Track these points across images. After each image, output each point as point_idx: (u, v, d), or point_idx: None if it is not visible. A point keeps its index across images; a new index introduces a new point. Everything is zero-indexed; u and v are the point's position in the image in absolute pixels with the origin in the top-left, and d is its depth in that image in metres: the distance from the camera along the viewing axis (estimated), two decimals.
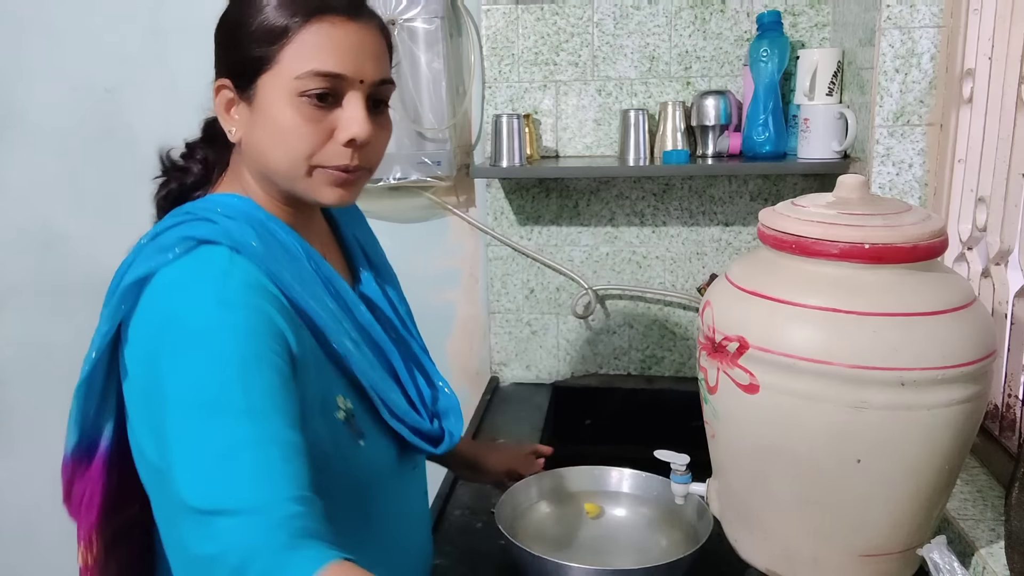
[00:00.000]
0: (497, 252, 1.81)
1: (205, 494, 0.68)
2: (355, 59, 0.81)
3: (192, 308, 0.75)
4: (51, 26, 1.84)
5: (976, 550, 0.98)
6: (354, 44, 0.82)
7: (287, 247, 0.84)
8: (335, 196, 0.84)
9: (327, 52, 0.80)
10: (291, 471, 0.69)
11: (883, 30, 1.34)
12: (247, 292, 0.76)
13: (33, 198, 1.93)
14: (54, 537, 2.10)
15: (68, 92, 1.86)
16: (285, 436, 0.71)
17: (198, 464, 0.69)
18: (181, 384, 0.72)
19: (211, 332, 0.73)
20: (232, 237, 0.79)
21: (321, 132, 0.81)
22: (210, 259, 0.78)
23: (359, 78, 0.82)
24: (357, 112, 0.82)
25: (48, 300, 1.98)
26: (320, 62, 0.80)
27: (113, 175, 1.89)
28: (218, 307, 0.74)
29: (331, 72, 0.80)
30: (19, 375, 2.02)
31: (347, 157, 0.83)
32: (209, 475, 0.69)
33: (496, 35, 1.71)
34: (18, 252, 1.96)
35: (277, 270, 0.80)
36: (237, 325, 0.73)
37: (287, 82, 0.80)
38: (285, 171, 0.83)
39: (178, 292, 0.77)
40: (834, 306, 0.85)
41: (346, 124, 0.82)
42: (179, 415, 0.71)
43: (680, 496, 1.13)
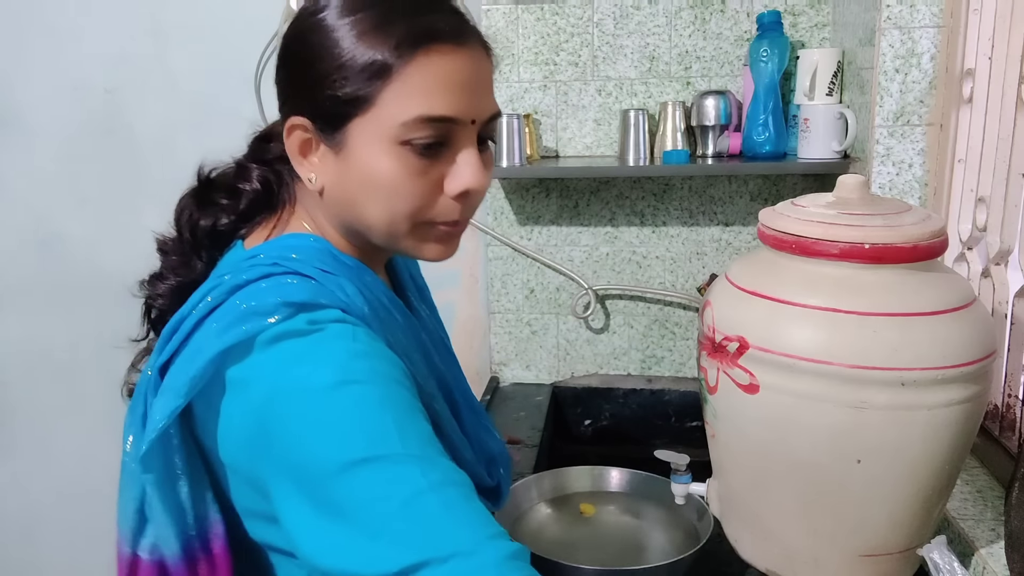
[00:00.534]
0: (497, 252, 1.81)
1: (397, 553, 0.59)
2: (467, 97, 0.69)
3: (320, 364, 0.64)
4: (51, 26, 1.84)
5: (976, 550, 0.98)
6: (466, 79, 0.69)
7: (384, 303, 0.74)
8: (438, 252, 0.74)
9: (437, 93, 0.68)
10: (479, 508, 0.62)
11: (883, 30, 1.34)
12: (376, 341, 0.67)
13: (33, 198, 1.93)
14: (54, 537, 2.10)
15: (68, 92, 1.86)
16: (457, 476, 0.63)
17: (373, 525, 0.60)
18: (324, 446, 0.62)
19: (350, 383, 0.63)
20: (337, 298, 0.69)
21: (428, 185, 0.70)
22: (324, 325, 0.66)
23: (471, 119, 0.70)
24: (472, 160, 0.71)
25: (48, 300, 1.98)
26: (429, 106, 0.68)
27: (113, 175, 1.89)
28: (352, 358, 0.65)
29: (442, 116, 0.68)
30: (19, 375, 2.02)
31: (457, 212, 0.72)
32: (395, 531, 0.59)
33: (496, 35, 1.71)
34: (18, 252, 1.96)
35: (383, 332, 0.70)
36: (377, 371, 0.65)
37: (388, 129, 0.68)
38: (384, 229, 0.72)
39: (301, 361, 0.65)
40: (834, 306, 0.85)
41: (459, 175, 0.70)
42: (333, 481, 0.61)
43: (680, 496, 1.13)
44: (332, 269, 0.71)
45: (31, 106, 1.88)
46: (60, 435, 2.04)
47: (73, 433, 2.02)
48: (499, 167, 1.65)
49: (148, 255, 0.87)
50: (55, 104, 1.87)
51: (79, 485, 2.03)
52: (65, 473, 2.05)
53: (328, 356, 0.64)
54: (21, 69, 1.87)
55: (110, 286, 2.06)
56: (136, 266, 0.86)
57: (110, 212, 1.90)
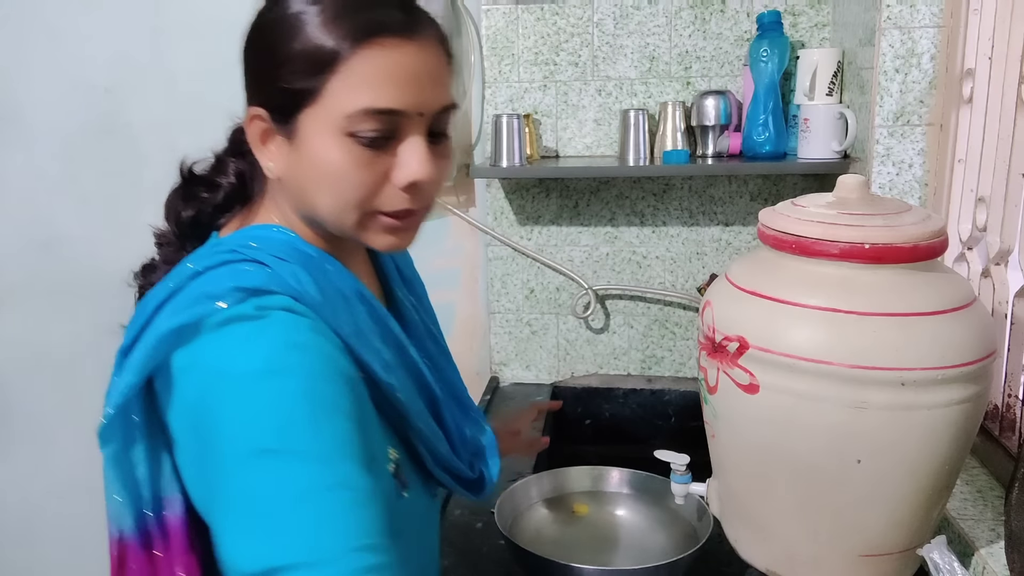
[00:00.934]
0: (497, 252, 1.81)
1: (263, 553, 0.61)
2: (415, 89, 0.70)
3: (254, 351, 0.66)
4: (51, 26, 1.84)
5: (976, 550, 0.98)
6: (413, 71, 0.70)
7: (343, 292, 0.75)
8: (390, 243, 0.75)
9: (382, 85, 0.68)
10: (365, 517, 0.63)
11: (883, 30, 1.34)
12: (316, 335, 0.68)
13: (33, 198, 1.93)
14: (54, 537, 2.10)
15: (68, 92, 1.86)
16: (359, 481, 0.64)
17: (253, 519, 0.62)
18: (237, 431, 0.64)
19: (277, 372, 0.65)
20: (289, 286, 0.69)
21: (375, 175, 0.71)
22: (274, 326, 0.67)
23: (419, 111, 0.71)
24: (418, 152, 0.71)
25: (48, 300, 1.98)
26: (373, 98, 0.68)
27: (113, 175, 1.89)
28: (286, 348, 0.66)
29: (387, 109, 0.69)
30: (19, 375, 2.02)
31: (406, 201, 0.72)
32: (265, 530, 0.61)
33: (496, 35, 1.71)
34: (18, 252, 1.96)
35: (336, 321, 0.71)
36: (306, 366, 0.65)
37: (335, 120, 0.69)
38: (334, 218, 0.73)
39: (236, 347, 0.66)
40: (834, 306, 0.85)
41: (405, 166, 0.71)
42: (235, 465, 0.63)
43: (680, 496, 1.13)
44: (289, 257, 0.72)
45: (31, 106, 1.88)
46: (59, 434, 2.04)
47: (72, 432, 2.01)
48: (499, 167, 1.65)
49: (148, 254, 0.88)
50: (55, 104, 1.87)
51: (78, 484, 2.02)
52: (64, 472, 2.05)
53: (264, 344, 0.66)
54: (21, 69, 1.87)
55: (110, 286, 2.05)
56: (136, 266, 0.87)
57: (110, 212, 1.90)
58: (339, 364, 0.69)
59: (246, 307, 0.67)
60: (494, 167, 1.66)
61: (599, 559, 1.13)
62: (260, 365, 0.65)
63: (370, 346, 0.74)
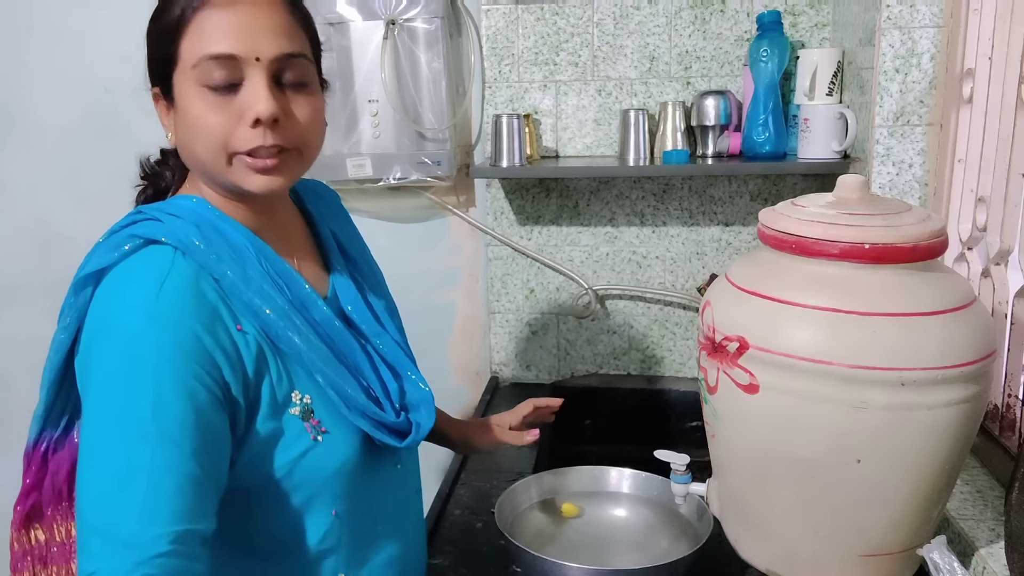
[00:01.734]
0: (497, 252, 1.81)
1: (97, 511, 0.72)
2: (246, 37, 0.80)
3: (122, 316, 0.77)
4: (51, 26, 1.84)
5: (976, 550, 0.99)
6: (245, 22, 0.80)
7: (234, 245, 0.84)
8: (260, 183, 0.83)
9: (217, 36, 0.79)
10: (178, 505, 0.72)
11: (883, 30, 1.34)
12: (179, 306, 0.77)
13: (33, 198, 1.93)
14: None
15: (68, 92, 1.86)
16: (183, 467, 0.73)
17: (98, 480, 0.73)
18: (98, 394, 0.76)
19: (134, 345, 0.75)
20: (176, 236, 0.81)
21: (228, 117, 0.80)
22: (151, 261, 0.80)
23: (254, 55, 0.80)
24: (257, 90, 0.80)
25: (48, 299, 1.97)
26: (210, 45, 0.79)
27: (113, 175, 1.88)
28: (146, 320, 0.75)
29: (221, 54, 0.79)
30: (20, 374, 2.02)
31: (259, 138, 0.80)
32: (104, 494, 0.72)
33: (496, 35, 1.71)
34: (18, 252, 1.96)
35: (220, 269, 0.81)
36: (161, 344, 0.75)
37: (190, 74, 0.80)
38: (208, 165, 0.83)
39: (114, 297, 0.79)
40: (834, 306, 0.85)
41: (248, 104, 0.80)
42: (93, 421, 0.75)
43: (680, 496, 1.13)
44: (183, 215, 0.84)
45: (31, 106, 1.88)
46: None
47: None
48: (499, 167, 1.65)
49: None
50: (55, 104, 1.87)
51: None
52: None
53: (137, 294, 0.77)
54: (21, 69, 1.87)
55: None
56: None
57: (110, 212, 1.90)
58: (200, 338, 0.77)
59: (136, 252, 0.82)
60: (494, 167, 1.66)
61: (599, 559, 1.13)
62: (125, 335, 0.76)
63: (260, 291, 0.82)
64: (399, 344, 0.98)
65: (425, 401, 0.96)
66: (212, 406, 0.76)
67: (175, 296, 0.77)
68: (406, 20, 1.64)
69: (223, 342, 0.79)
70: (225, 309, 0.80)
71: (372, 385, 0.91)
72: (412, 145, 1.70)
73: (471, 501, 1.32)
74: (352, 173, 1.70)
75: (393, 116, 1.68)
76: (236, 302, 0.81)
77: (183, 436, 0.73)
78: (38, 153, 1.91)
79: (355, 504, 0.89)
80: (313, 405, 0.85)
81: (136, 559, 0.70)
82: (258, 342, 0.82)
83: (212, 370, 0.77)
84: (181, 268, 0.79)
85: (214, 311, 0.79)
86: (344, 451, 0.87)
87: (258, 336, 0.82)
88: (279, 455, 0.82)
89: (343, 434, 0.87)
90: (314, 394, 0.85)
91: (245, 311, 0.82)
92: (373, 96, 1.67)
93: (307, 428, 0.84)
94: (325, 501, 0.86)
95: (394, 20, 1.63)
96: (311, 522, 0.86)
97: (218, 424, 0.77)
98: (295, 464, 0.83)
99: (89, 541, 0.72)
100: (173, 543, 0.71)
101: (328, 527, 0.86)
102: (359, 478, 0.89)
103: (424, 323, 1.85)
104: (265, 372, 0.82)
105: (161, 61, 0.83)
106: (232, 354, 0.79)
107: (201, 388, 0.76)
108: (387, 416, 0.90)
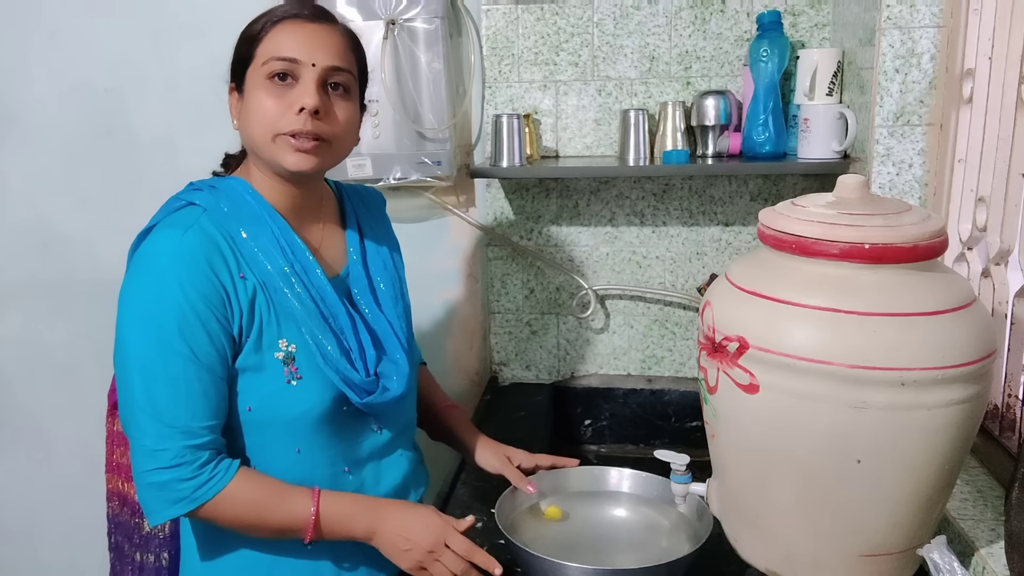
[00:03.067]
0: (497, 252, 1.81)
1: (150, 401, 0.96)
2: (307, 47, 1.02)
3: (154, 256, 0.99)
4: (51, 26, 1.84)
5: (976, 550, 0.99)
6: (308, 37, 1.03)
7: (256, 214, 1.04)
8: (295, 160, 1.02)
9: (286, 43, 1.02)
10: (208, 405, 0.98)
11: (883, 30, 1.34)
12: (196, 251, 0.98)
13: (33, 198, 1.93)
14: (54, 537, 2.10)
15: (68, 92, 1.86)
16: (205, 375, 0.98)
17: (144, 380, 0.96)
18: (134, 313, 0.98)
19: (161, 278, 0.97)
20: (207, 201, 1.04)
21: (282, 105, 1.01)
22: (182, 217, 1.01)
23: (311, 62, 1.02)
24: (307, 87, 1.01)
25: (48, 300, 1.98)
26: (277, 49, 1.02)
27: (113, 175, 1.89)
28: (171, 260, 0.97)
29: (286, 56, 1.01)
30: (20, 374, 2.02)
31: (300, 123, 1.00)
32: (152, 391, 0.96)
33: (496, 35, 1.71)
34: (18, 252, 1.96)
35: (236, 229, 1.02)
36: (182, 278, 0.96)
37: (259, 70, 1.02)
38: (258, 140, 1.03)
39: (151, 242, 1.00)
40: (834, 306, 0.85)
41: (298, 97, 1.01)
42: (131, 335, 0.98)
43: (680, 496, 1.13)
44: (220, 188, 1.06)
45: (31, 106, 1.88)
46: (60, 434, 2.04)
47: (73, 432, 2.02)
48: (499, 167, 1.65)
49: None
50: (55, 104, 1.87)
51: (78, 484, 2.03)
52: (65, 471, 2.05)
53: (167, 240, 0.99)
54: (21, 69, 1.87)
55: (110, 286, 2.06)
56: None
57: (110, 212, 1.90)
58: (214, 275, 0.98)
59: (176, 212, 1.03)
60: (494, 167, 1.66)
61: (599, 559, 1.13)
62: (156, 266, 0.98)
63: (267, 252, 1.03)
64: (392, 327, 1.14)
65: (400, 371, 1.11)
66: (218, 329, 0.98)
67: (194, 242, 0.98)
68: (406, 20, 1.64)
69: (225, 283, 0.99)
70: (233, 260, 1.01)
71: (351, 347, 1.07)
72: (412, 145, 1.70)
73: (471, 501, 1.32)
74: (352, 173, 1.70)
75: (393, 116, 1.68)
76: (245, 256, 1.02)
77: (201, 350, 0.97)
78: (38, 153, 1.91)
79: (320, 449, 1.06)
80: (296, 354, 1.03)
81: (192, 443, 0.96)
82: (255, 289, 1.01)
83: (218, 303, 0.99)
84: (204, 224, 1.00)
85: (223, 259, 1.00)
86: (311, 399, 1.04)
87: (257, 285, 1.02)
88: (256, 389, 1.02)
89: (316, 384, 1.04)
90: (299, 345, 1.03)
91: (251, 264, 1.02)
92: (373, 96, 1.67)
93: (285, 372, 1.03)
94: (289, 439, 1.05)
95: (394, 20, 1.63)
96: (276, 452, 1.04)
97: (223, 342, 0.99)
98: (266, 400, 1.02)
99: (144, 423, 0.96)
100: (212, 432, 0.98)
101: (291, 461, 1.05)
102: (326, 427, 1.06)
103: (424, 323, 1.85)
104: (256, 316, 1.01)
105: (241, 60, 1.05)
106: (233, 294, 1.00)
107: (211, 314, 0.98)
108: (355, 375, 1.06)
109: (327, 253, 1.13)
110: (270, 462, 1.05)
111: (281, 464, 1.05)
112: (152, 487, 0.97)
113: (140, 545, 1.20)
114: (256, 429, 1.04)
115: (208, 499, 0.97)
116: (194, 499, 0.97)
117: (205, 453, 0.98)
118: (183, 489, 0.96)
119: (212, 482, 0.97)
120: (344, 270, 1.14)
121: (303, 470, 1.05)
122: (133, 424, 0.97)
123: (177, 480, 0.96)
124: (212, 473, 0.98)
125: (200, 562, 1.09)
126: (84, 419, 2.00)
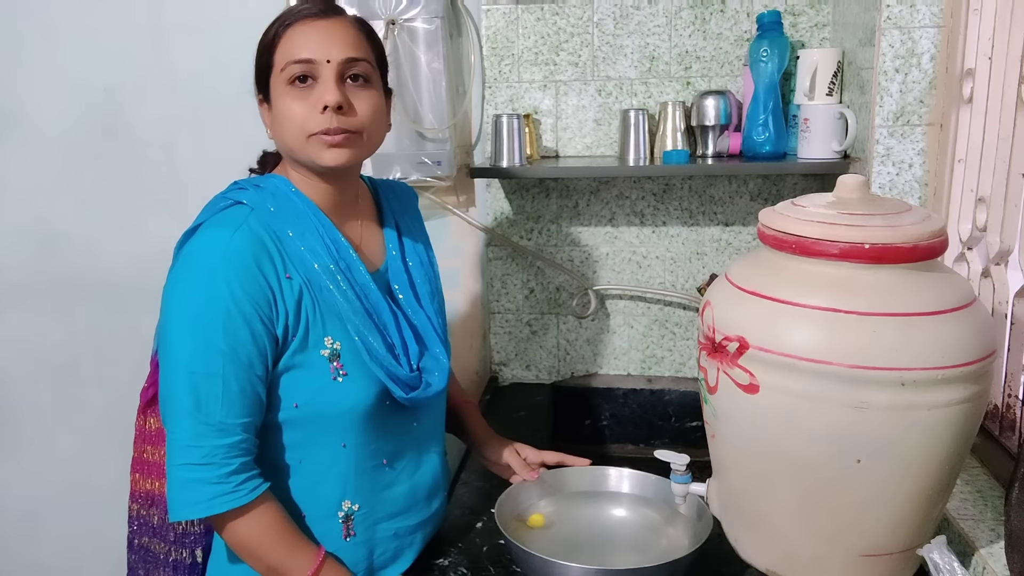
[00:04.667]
0: (497, 252, 1.81)
1: (189, 400, 0.96)
2: (320, 45, 1.02)
3: (203, 254, 0.99)
4: (51, 26, 1.84)
5: (976, 550, 0.99)
6: (320, 35, 1.03)
7: (300, 213, 1.05)
8: (330, 156, 1.03)
9: (299, 46, 1.02)
10: (245, 403, 0.98)
11: (883, 30, 1.34)
12: (245, 250, 0.99)
13: (33, 198, 1.93)
14: (54, 537, 2.10)
15: (68, 92, 1.86)
16: (245, 374, 0.97)
17: (185, 377, 0.96)
18: (181, 310, 0.98)
19: (210, 275, 0.97)
20: (254, 200, 1.04)
21: (307, 107, 1.02)
22: (231, 216, 1.02)
23: (326, 59, 1.02)
24: (326, 84, 1.02)
25: (48, 300, 1.98)
26: (293, 52, 1.02)
27: (113, 175, 1.89)
28: (221, 258, 0.98)
29: (301, 58, 1.02)
30: (19, 374, 2.02)
31: (327, 121, 1.01)
32: (192, 389, 0.96)
33: (496, 35, 1.71)
34: (18, 252, 1.96)
35: (283, 229, 1.03)
36: (230, 277, 0.97)
37: (280, 76, 1.03)
38: (292, 144, 1.04)
39: (199, 240, 1.01)
40: (834, 306, 0.85)
41: (320, 95, 1.01)
42: (176, 332, 0.98)
43: (680, 496, 1.13)
44: (265, 186, 1.06)
45: (31, 105, 1.88)
46: (60, 434, 2.04)
47: (73, 432, 2.02)
48: (499, 167, 1.65)
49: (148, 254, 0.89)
50: (55, 103, 1.87)
51: (79, 483, 2.03)
52: (65, 471, 2.05)
53: (217, 239, 0.99)
54: (21, 69, 1.87)
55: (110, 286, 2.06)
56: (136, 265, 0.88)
57: (110, 212, 1.90)
58: (261, 275, 0.99)
59: (223, 211, 1.04)
60: (494, 167, 1.66)
61: (599, 559, 1.13)
62: (204, 263, 0.98)
63: (312, 250, 1.04)
64: (431, 322, 1.15)
65: (440, 367, 1.13)
66: (262, 330, 0.99)
67: (243, 243, 0.99)
68: (406, 20, 1.64)
69: (272, 284, 0.99)
70: (280, 260, 1.01)
71: (395, 342, 1.08)
72: (412, 145, 1.70)
73: (471, 501, 1.32)
74: None
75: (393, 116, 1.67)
76: (291, 256, 1.02)
77: (242, 349, 0.97)
78: (38, 153, 1.90)
79: (364, 444, 1.07)
80: (341, 351, 1.03)
81: (224, 442, 0.96)
82: (301, 289, 1.02)
83: (264, 304, 0.99)
84: (252, 224, 1.01)
85: (271, 260, 1.00)
86: (357, 395, 1.04)
87: (303, 285, 1.02)
88: (303, 387, 1.02)
89: (361, 381, 1.04)
90: (344, 342, 1.03)
91: (297, 264, 1.02)
92: None
93: (331, 369, 1.03)
94: (336, 434, 1.05)
95: (394, 20, 1.63)
96: (323, 447, 1.05)
97: (265, 343, 0.99)
98: (313, 397, 1.03)
99: (181, 418, 0.96)
100: (245, 431, 0.98)
101: (337, 455, 1.05)
102: (370, 422, 1.06)
103: None
104: (302, 315, 1.01)
105: (262, 70, 1.06)
106: (279, 295, 1.00)
107: (256, 315, 0.98)
108: (400, 370, 1.06)
109: (367, 249, 1.13)
110: (317, 456, 1.05)
111: (327, 458, 1.05)
112: (178, 482, 0.97)
113: (174, 542, 1.18)
114: (303, 425, 1.04)
115: (221, 511, 0.96)
116: (210, 507, 0.96)
117: (236, 461, 0.97)
118: (204, 493, 0.96)
119: (233, 496, 0.97)
120: (383, 266, 1.15)
121: (347, 464, 1.06)
122: (171, 417, 0.98)
123: (202, 481, 0.96)
124: (236, 488, 0.97)
125: (228, 563, 1.08)
126: (84, 418, 2.00)
